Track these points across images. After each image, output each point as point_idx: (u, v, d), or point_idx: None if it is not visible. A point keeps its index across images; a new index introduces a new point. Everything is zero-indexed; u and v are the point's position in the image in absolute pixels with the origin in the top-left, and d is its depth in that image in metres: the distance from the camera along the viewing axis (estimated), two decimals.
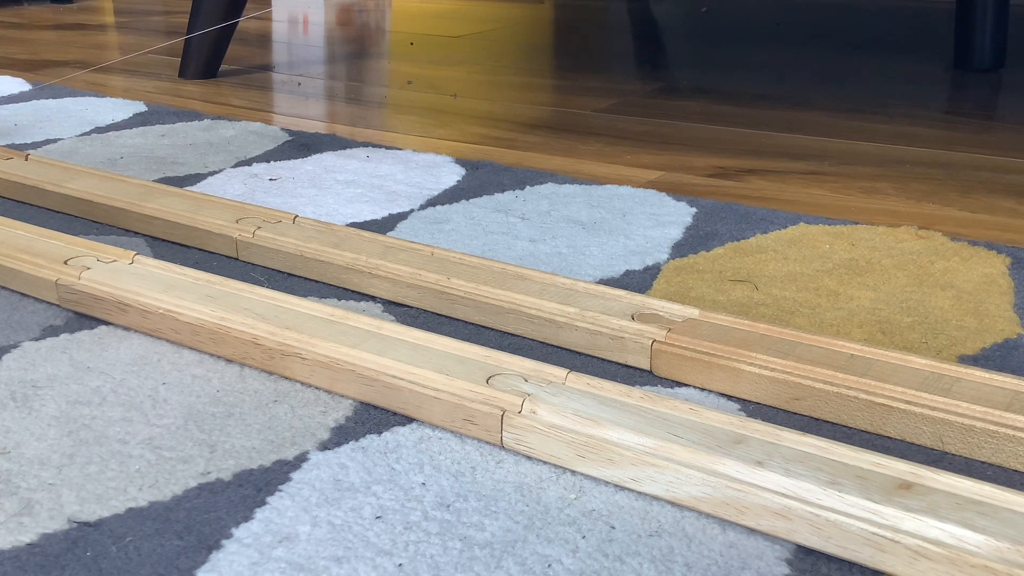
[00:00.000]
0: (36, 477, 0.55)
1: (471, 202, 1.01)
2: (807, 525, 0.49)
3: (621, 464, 0.53)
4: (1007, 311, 0.75)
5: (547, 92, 1.64)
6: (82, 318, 0.74)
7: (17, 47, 1.98)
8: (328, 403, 0.63)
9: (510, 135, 1.30)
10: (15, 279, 0.79)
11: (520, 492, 0.54)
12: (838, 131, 1.30)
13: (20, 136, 1.26)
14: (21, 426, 0.60)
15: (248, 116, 1.39)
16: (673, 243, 0.89)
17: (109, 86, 1.61)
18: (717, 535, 0.51)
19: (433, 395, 0.59)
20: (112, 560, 0.48)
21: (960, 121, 1.38)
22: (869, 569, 0.48)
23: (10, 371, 0.66)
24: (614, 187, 1.05)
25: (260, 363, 0.66)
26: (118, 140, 1.25)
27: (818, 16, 2.43)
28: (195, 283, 0.75)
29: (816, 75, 1.71)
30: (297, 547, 0.49)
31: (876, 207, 1.00)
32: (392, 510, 0.52)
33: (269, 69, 1.76)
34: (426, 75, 1.71)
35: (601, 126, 1.35)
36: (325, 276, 0.81)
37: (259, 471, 0.55)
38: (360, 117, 1.42)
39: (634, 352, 0.67)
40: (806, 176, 1.11)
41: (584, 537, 0.50)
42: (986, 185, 1.07)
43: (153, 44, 1.97)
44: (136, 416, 0.61)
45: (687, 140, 1.27)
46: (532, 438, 0.56)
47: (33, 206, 1.01)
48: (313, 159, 1.16)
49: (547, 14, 2.62)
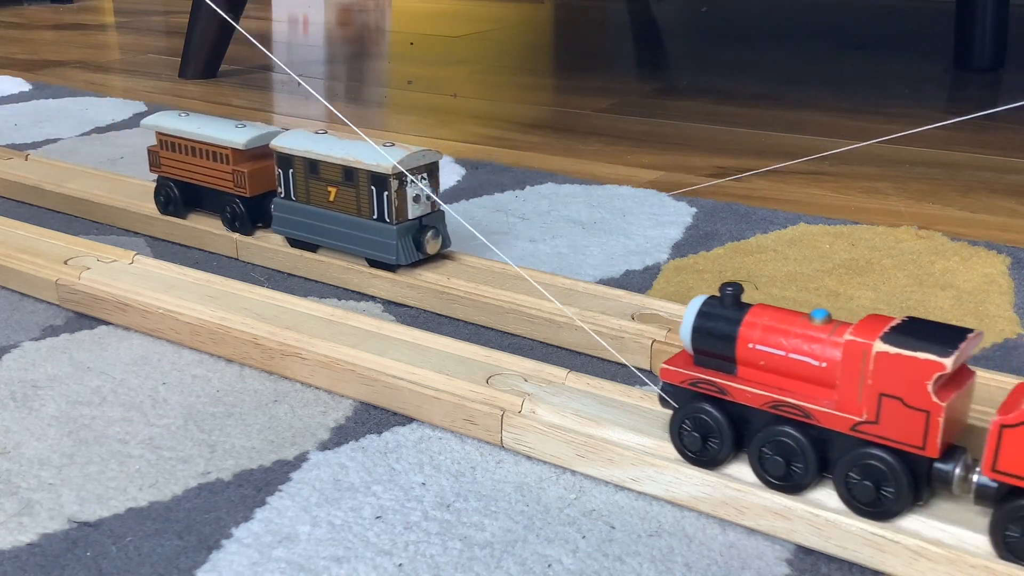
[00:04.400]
0: (36, 477, 0.55)
1: (471, 202, 1.01)
2: (807, 525, 0.49)
3: (621, 464, 0.53)
4: (1007, 311, 0.75)
5: (547, 92, 1.64)
6: (82, 318, 0.74)
7: (17, 47, 1.98)
8: (328, 403, 0.63)
9: (510, 135, 1.30)
10: (15, 279, 0.79)
11: (520, 492, 0.54)
12: (838, 131, 1.30)
13: (20, 136, 1.26)
14: (21, 426, 0.60)
15: (248, 116, 1.39)
16: (673, 243, 0.89)
17: (109, 86, 1.61)
18: (717, 535, 0.51)
19: (433, 395, 0.59)
20: (112, 560, 0.48)
21: (960, 121, 1.37)
22: (869, 569, 0.48)
23: (10, 371, 0.66)
24: (614, 187, 1.05)
25: (260, 363, 0.66)
26: (118, 140, 1.25)
27: (818, 16, 2.43)
28: (195, 283, 0.75)
29: (816, 75, 1.71)
30: (297, 547, 0.49)
31: (876, 207, 1.00)
32: (392, 510, 0.52)
33: (269, 69, 1.76)
34: (426, 75, 1.71)
35: (601, 126, 1.35)
36: (325, 276, 0.81)
37: (259, 471, 0.55)
38: (360, 117, 1.42)
39: (634, 352, 0.67)
40: (806, 176, 1.11)
41: (584, 537, 0.50)
42: (986, 185, 1.07)
43: (153, 44, 1.97)
44: (136, 416, 0.61)
45: (687, 140, 1.27)
46: (532, 438, 0.56)
47: (33, 206, 1.01)
48: None
49: (547, 14, 2.62)
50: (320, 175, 0.77)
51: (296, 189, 0.79)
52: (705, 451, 0.51)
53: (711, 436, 0.51)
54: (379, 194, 0.74)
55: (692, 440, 0.51)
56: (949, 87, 1.62)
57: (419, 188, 0.74)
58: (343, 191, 0.76)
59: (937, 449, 0.45)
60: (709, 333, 0.50)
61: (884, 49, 1.96)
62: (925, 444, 0.45)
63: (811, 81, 1.65)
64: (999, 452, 0.44)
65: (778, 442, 0.49)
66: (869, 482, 0.47)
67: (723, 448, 0.51)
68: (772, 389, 0.49)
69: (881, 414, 0.46)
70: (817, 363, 0.48)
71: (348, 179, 0.76)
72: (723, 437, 0.51)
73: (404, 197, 0.74)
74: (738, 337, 0.49)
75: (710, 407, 0.51)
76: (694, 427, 0.51)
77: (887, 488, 0.47)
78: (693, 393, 0.51)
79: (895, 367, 0.45)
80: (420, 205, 0.75)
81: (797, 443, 0.48)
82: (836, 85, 1.61)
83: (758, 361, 0.49)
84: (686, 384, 0.51)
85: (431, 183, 0.76)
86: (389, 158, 0.73)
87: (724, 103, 1.49)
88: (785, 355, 0.48)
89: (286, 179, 0.80)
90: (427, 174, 0.75)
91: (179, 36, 1.85)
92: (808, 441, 0.48)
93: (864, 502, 0.47)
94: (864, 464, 0.47)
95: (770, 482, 0.50)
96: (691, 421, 0.51)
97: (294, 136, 0.80)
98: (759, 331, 0.49)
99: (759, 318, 0.49)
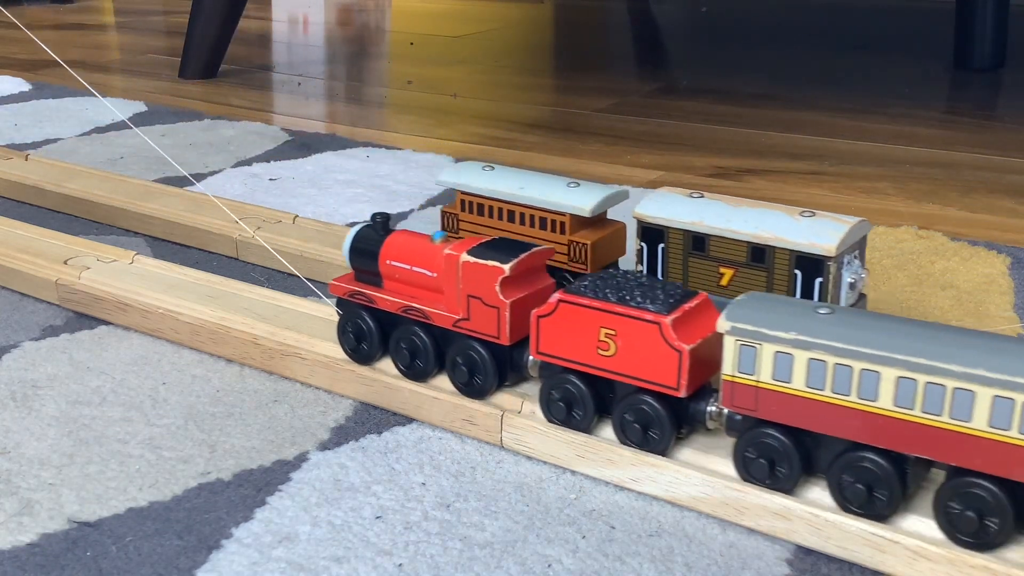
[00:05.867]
0: (36, 477, 0.55)
1: None
2: (807, 525, 0.49)
3: (621, 464, 0.53)
4: (1007, 311, 0.75)
5: (547, 92, 1.64)
6: (82, 318, 0.74)
7: (17, 47, 1.98)
8: (328, 403, 0.63)
9: (510, 135, 1.30)
10: (15, 279, 0.79)
11: (520, 492, 0.54)
12: (838, 131, 1.30)
13: (20, 136, 1.26)
14: (21, 426, 0.60)
15: (248, 116, 1.39)
16: None
17: (109, 86, 1.61)
18: (717, 535, 0.51)
19: (433, 395, 0.59)
20: (112, 560, 0.48)
21: (960, 121, 1.38)
22: (869, 569, 0.48)
23: (10, 371, 0.66)
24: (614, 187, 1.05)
25: (260, 363, 0.66)
26: (118, 140, 1.25)
27: (818, 16, 2.43)
28: (195, 283, 0.75)
29: (816, 75, 1.71)
30: (297, 547, 0.49)
31: (876, 207, 1.00)
32: (392, 510, 0.52)
33: (269, 69, 1.76)
34: (426, 75, 1.71)
35: (601, 126, 1.35)
36: (325, 276, 0.81)
37: (259, 471, 0.55)
38: (360, 117, 1.42)
39: None
40: (806, 176, 1.11)
41: (584, 537, 0.50)
42: (986, 185, 1.07)
43: (153, 44, 1.97)
44: (136, 416, 0.61)
45: (687, 140, 1.27)
46: (532, 438, 0.56)
47: (33, 206, 1.01)
48: (313, 159, 1.16)
49: (547, 14, 2.62)
50: (709, 253, 0.61)
51: (668, 268, 0.62)
52: (359, 350, 0.62)
53: (363, 338, 0.62)
54: (807, 280, 0.58)
55: (349, 340, 0.62)
56: (949, 87, 1.62)
57: (856, 271, 0.58)
58: (746, 274, 0.60)
59: (507, 338, 0.56)
60: (360, 253, 0.61)
61: (884, 49, 1.96)
62: (499, 335, 0.56)
63: (811, 81, 1.65)
64: (539, 337, 0.55)
65: (410, 340, 0.60)
66: (466, 368, 0.58)
67: (372, 347, 0.61)
68: (405, 297, 0.60)
69: (471, 312, 0.57)
70: (431, 274, 0.58)
71: (756, 259, 0.59)
72: (372, 338, 0.61)
73: (839, 284, 0.58)
74: (379, 255, 0.60)
75: (365, 313, 0.61)
76: (354, 331, 0.62)
77: (479, 375, 0.58)
78: (354, 303, 0.62)
79: (475, 273, 0.56)
80: (854, 292, 0.59)
81: (421, 341, 0.59)
82: (836, 85, 1.61)
83: (394, 275, 0.60)
84: (347, 296, 0.62)
85: (862, 261, 0.60)
86: (828, 235, 0.57)
87: (724, 103, 1.49)
88: (410, 268, 0.59)
89: (651, 255, 0.63)
90: (859, 251, 0.59)
91: (179, 36, 1.85)
92: (430, 339, 0.59)
93: (463, 383, 0.58)
94: (467, 355, 0.58)
95: (404, 372, 0.61)
96: (352, 325, 0.62)
97: (666, 201, 0.62)
98: (394, 250, 0.60)
99: (395, 240, 0.60)
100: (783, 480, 0.50)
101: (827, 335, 0.47)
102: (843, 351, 0.46)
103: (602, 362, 0.53)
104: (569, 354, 0.54)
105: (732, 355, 0.49)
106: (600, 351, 0.53)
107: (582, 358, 0.54)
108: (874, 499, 0.47)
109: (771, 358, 0.48)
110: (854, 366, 0.46)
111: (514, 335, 0.56)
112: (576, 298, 0.53)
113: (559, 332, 0.54)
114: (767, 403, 0.49)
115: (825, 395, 0.47)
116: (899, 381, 0.45)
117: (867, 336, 0.46)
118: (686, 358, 0.50)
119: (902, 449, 0.46)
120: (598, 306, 0.52)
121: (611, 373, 0.53)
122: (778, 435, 0.49)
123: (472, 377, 0.58)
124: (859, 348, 0.46)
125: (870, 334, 0.46)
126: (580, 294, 0.53)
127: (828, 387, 0.47)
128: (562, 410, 0.55)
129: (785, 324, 0.48)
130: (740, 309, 0.50)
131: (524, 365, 0.57)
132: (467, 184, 0.69)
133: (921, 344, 0.45)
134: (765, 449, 0.50)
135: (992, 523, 0.45)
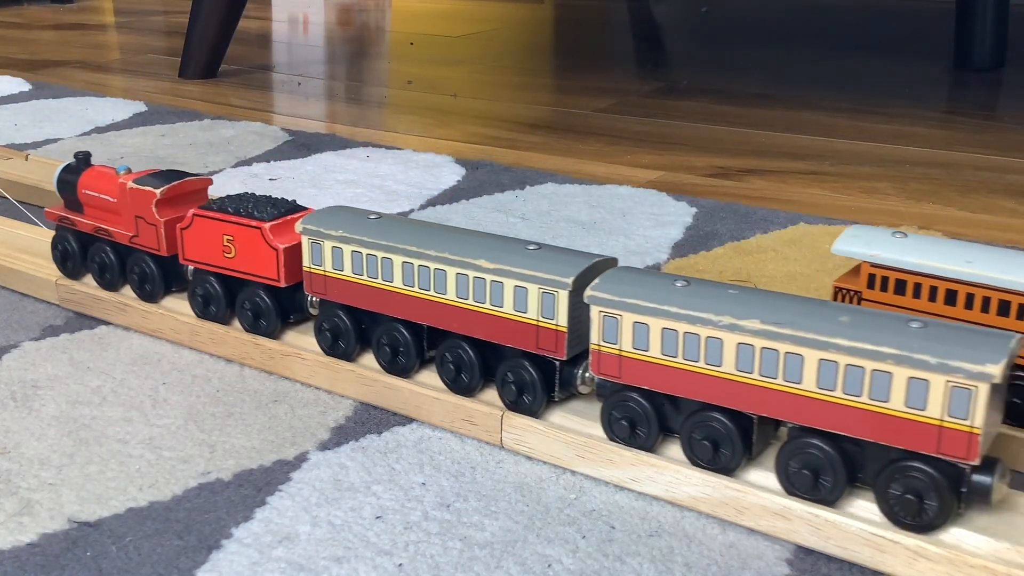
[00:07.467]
0: (36, 477, 0.55)
1: (471, 202, 1.01)
2: (807, 525, 0.49)
3: (621, 464, 0.53)
4: None
5: (547, 92, 1.64)
6: (82, 318, 0.74)
7: (17, 47, 1.98)
8: (328, 403, 0.63)
9: (510, 135, 1.30)
10: (15, 279, 0.79)
11: (520, 492, 0.54)
12: (838, 131, 1.30)
13: (20, 136, 1.26)
14: (21, 426, 0.60)
15: (248, 116, 1.39)
16: (673, 243, 0.89)
17: (109, 86, 1.61)
18: (717, 535, 0.51)
19: (433, 395, 0.59)
20: (112, 560, 0.48)
21: (960, 121, 1.38)
22: (869, 569, 0.48)
23: (10, 371, 0.66)
24: (614, 187, 1.05)
25: (260, 363, 0.66)
26: (118, 140, 1.25)
27: (818, 16, 2.43)
28: None
29: (816, 75, 1.71)
30: (297, 547, 0.49)
31: (876, 207, 1.00)
32: (392, 510, 0.52)
33: (269, 69, 1.76)
34: (426, 75, 1.71)
35: (601, 126, 1.35)
36: None
37: (259, 471, 0.55)
38: (360, 117, 1.42)
39: None
40: (806, 176, 1.11)
41: (584, 537, 0.50)
42: (986, 185, 1.07)
43: (153, 44, 1.97)
44: (136, 416, 0.61)
45: (687, 140, 1.27)
46: (532, 438, 0.56)
47: (33, 206, 1.00)
48: (313, 159, 1.16)
49: (547, 14, 2.62)
50: None
51: None
52: (64, 267, 0.74)
53: (68, 259, 0.74)
54: None
55: (57, 256, 0.74)
56: (949, 87, 1.62)
57: None
58: None
59: (165, 250, 0.68)
60: (65, 184, 0.73)
61: (884, 49, 1.96)
62: (159, 248, 0.68)
63: (811, 81, 1.65)
64: (184, 246, 0.67)
65: (100, 258, 0.72)
66: (137, 277, 0.70)
67: (75, 265, 0.74)
68: (98, 220, 0.71)
69: (139, 230, 0.69)
70: (113, 199, 0.70)
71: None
72: (75, 258, 0.74)
73: None
74: (78, 186, 0.72)
75: (69, 234, 0.74)
76: (62, 250, 0.74)
77: (148, 284, 0.70)
78: (62, 226, 0.74)
79: (138, 197, 0.68)
80: None
81: (108, 258, 0.72)
82: (836, 85, 1.61)
83: (90, 202, 0.72)
84: (57, 220, 0.74)
85: None
86: None
87: (724, 103, 1.49)
88: (99, 195, 0.71)
89: None
90: None
91: (179, 36, 1.85)
92: (115, 256, 0.72)
93: (139, 289, 0.71)
94: (139, 270, 0.71)
95: (100, 283, 0.73)
96: (60, 245, 0.74)
97: None
98: (89, 180, 0.71)
99: (90, 173, 0.72)
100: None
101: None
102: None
103: (227, 263, 0.65)
104: (205, 258, 0.66)
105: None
106: (225, 254, 0.65)
107: (214, 261, 0.66)
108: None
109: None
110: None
111: (170, 249, 0.68)
112: (206, 212, 0.66)
113: (196, 241, 0.66)
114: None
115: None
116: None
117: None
118: (282, 255, 0.63)
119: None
120: (219, 217, 0.65)
121: (234, 271, 0.65)
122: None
123: (143, 284, 0.71)
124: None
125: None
126: (210, 209, 0.66)
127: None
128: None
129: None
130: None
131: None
132: (883, 257, 0.55)
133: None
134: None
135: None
